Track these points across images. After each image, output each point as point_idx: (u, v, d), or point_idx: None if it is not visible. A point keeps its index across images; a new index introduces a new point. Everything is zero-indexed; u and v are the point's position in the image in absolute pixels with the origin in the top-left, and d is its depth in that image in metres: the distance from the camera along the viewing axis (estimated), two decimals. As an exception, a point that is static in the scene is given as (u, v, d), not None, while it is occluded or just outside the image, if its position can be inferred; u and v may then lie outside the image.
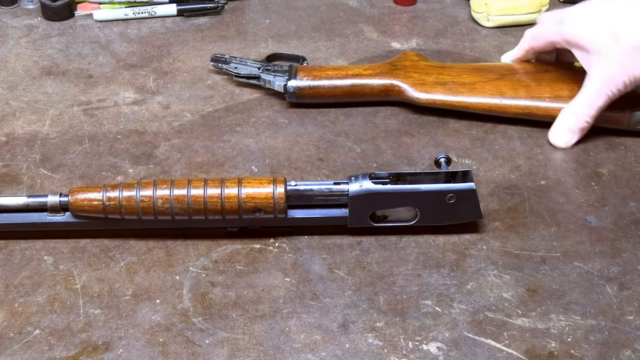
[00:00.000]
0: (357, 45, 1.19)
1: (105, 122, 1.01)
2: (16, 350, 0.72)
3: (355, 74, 1.03)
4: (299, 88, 1.02)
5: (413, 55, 1.06)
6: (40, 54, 1.16)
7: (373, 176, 0.81)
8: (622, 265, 0.81)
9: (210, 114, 1.03)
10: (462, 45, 1.18)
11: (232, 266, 0.81)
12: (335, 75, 1.03)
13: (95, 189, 0.80)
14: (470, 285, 0.79)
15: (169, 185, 0.80)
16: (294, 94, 1.02)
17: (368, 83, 1.02)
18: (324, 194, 0.82)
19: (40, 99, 1.06)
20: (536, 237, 0.84)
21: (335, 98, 1.03)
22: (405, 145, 0.98)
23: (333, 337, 0.73)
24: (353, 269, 0.80)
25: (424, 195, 0.81)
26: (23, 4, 1.27)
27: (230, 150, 0.97)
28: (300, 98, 1.03)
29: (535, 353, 0.72)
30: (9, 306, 0.76)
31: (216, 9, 1.25)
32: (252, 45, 1.18)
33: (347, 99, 1.04)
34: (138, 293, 0.78)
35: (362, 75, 1.03)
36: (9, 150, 0.96)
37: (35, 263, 0.81)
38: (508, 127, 1.00)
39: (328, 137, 0.99)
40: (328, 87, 1.02)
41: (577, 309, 0.76)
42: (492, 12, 1.21)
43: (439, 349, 0.72)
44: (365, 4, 1.30)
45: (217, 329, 0.74)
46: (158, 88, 1.08)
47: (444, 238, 0.84)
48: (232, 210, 0.80)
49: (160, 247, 0.83)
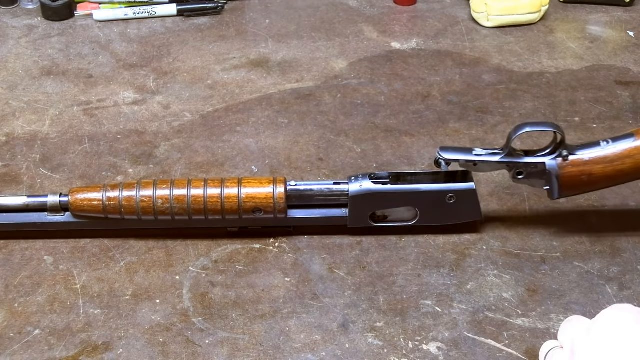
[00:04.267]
0: (357, 45, 1.18)
1: (105, 122, 1.01)
2: (16, 350, 0.72)
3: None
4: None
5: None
6: (40, 54, 1.16)
7: (373, 176, 0.81)
8: (622, 265, 0.81)
9: (210, 114, 1.03)
10: (462, 45, 1.18)
11: (232, 266, 0.81)
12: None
13: (95, 189, 0.80)
14: (470, 285, 0.79)
15: (169, 185, 0.80)
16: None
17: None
18: (324, 194, 0.82)
19: (40, 99, 1.06)
20: (536, 237, 0.84)
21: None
22: (405, 145, 0.98)
23: (333, 337, 0.73)
24: (353, 269, 0.80)
25: (424, 195, 0.81)
26: (23, 4, 1.27)
27: (230, 150, 0.97)
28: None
29: (535, 353, 0.72)
30: (9, 306, 0.76)
31: (216, 9, 1.25)
32: (252, 45, 1.18)
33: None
34: (138, 293, 0.78)
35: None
36: (9, 150, 0.96)
37: (35, 263, 0.81)
38: (508, 127, 1.00)
39: (328, 137, 0.99)
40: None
41: (577, 309, 0.76)
42: (492, 12, 1.21)
43: (439, 349, 0.72)
44: (365, 4, 1.30)
45: (217, 329, 0.74)
46: (158, 88, 1.08)
47: (444, 238, 0.84)
48: (232, 210, 0.80)
49: (160, 247, 0.83)
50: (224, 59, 1.15)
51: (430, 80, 1.11)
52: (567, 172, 0.79)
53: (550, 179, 0.80)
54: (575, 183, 0.80)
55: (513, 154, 0.80)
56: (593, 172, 0.79)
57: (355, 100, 1.06)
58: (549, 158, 0.79)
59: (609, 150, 0.79)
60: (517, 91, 1.08)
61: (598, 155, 0.79)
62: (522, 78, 1.11)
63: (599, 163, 0.79)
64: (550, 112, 1.04)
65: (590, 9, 1.29)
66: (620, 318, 0.59)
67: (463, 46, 1.18)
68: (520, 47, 1.19)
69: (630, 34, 1.22)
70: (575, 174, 0.79)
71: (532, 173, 0.80)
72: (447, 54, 1.16)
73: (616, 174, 0.79)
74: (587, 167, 0.79)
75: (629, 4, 1.29)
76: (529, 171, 0.80)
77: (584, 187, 0.81)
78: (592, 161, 0.79)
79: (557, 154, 0.79)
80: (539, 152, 0.80)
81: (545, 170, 0.79)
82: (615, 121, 1.02)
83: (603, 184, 0.81)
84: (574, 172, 0.79)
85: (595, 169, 0.79)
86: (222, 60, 1.15)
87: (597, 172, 0.79)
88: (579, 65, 1.14)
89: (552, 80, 1.11)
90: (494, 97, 1.07)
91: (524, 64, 1.15)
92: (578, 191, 0.81)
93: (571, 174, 0.79)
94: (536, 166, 0.80)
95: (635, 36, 1.22)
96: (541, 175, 0.80)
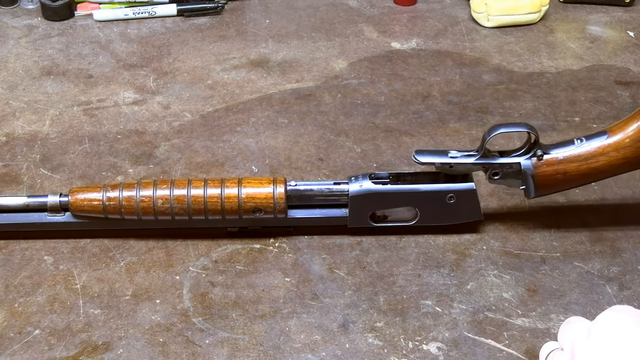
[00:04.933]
0: (357, 45, 1.19)
1: (105, 122, 1.01)
2: (16, 350, 0.72)
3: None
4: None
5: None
6: (40, 54, 1.16)
7: (373, 176, 0.81)
8: (622, 265, 0.81)
9: (210, 114, 1.03)
10: (462, 45, 1.18)
11: (232, 266, 0.81)
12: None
13: (95, 189, 0.80)
14: (470, 285, 0.79)
15: (169, 185, 0.80)
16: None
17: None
18: (324, 194, 0.82)
19: (40, 99, 1.06)
20: (536, 237, 0.84)
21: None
22: (405, 145, 0.98)
23: (333, 337, 0.73)
24: (353, 269, 0.80)
25: (424, 195, 0.81)
26: (23, 4, 1.27)
27: (230, 150, 0.97)
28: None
29: (535, 353, 0.72)
30: (9, 306, 0.76)
31: (216, 9, 1.25)
32: (252, 45, 1.18)
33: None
34: (138, 293, 0.78)
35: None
36: (9, 150, 0.96)
37: (35, 263, 0.81)
38: (508, 127, 1.01)
39: (328, 137, 0.99)
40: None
41: (577, 309, 0.76)
42: (492, 12, 1.21)
43: (439, 349, 0.72)
44: (365, 4, 1.30)
45: (217, 329, 0.74)
46: (158, 88, 1.08)
47: (444, 238, 0.84)
48: (232, 210, 0.80)
49: (160, 247, 0.83)
50: (224, 59, 1.15)
51: (430, 80, 1.11)
52: (542, 171, 0.80)
53: (526, 179, 0.80)
54: (550, 182, 0.80)
55: (488, 155, 0.80)
56: (568, 170, 0.80)
57: (355, 100, 1.06)
58: (523, 158, 0.80)
59: (583, 149, 0.79)
60: (517, 91, 1.08)
61: (572, 154, 0.79)
62: (522, 78, 1.11)
63: (573, 161, 0.79)
64: (550, 112, 1.04)
65: (590, 9, 1.29)
66: (619, 321, 0.59)
67: (463, 46, 1.18)
68: (520, 47, 1.19)
69: (630, 34, 1.22)
70: (550, 173, 0.80)
71: (508, 173, 0.81)
72: (447, 54, 1.16)
73: (591, 172, 0.80)
74: (562, 165, 0.79)
75: (629, 4, 1.29)
76: (504, 172, 0.80)
77: (560, 186, 0.81)
78: (566, 160, 0.79)
79: (531, 153, 0.80)
80: (513, 153, 0.81)
81: (520, 170, 0.80)
82: (615, 121, 1.02)
83: (579, 182, 0.81)
84: (549, 171, 0.80)
85: (569, 167, 0.79)
86: (222, 60, 1.15)
87: (572, 171, 0.79)
88: (579, 65, 1.14)
89: (552, 80, 1.11)
90: (494, 97, 1.07)
91: (524, 64, 1.15)
92: (554, 190, 0.82)
93: (546, 173, 0.80)
94: (511, 166, 0.80)
95: (635, 36, 1.22)
96: (517, 175, 0.80)
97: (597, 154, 0.79)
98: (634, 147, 0.78)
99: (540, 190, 0.81)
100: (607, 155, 0.79)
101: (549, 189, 0.81)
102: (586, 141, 0.79)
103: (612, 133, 0.78)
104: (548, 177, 0.80)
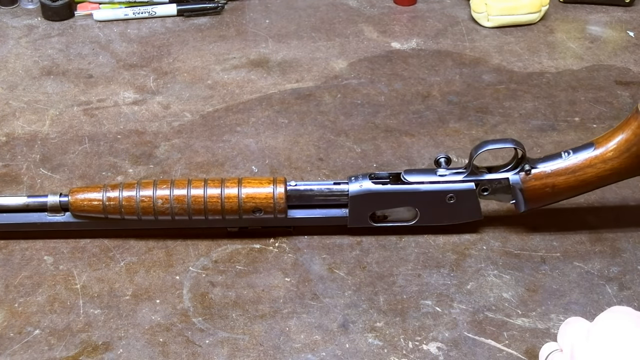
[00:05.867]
0: (357, 45, 1.19)
1: (105, 122, 1.01)
2: (16, 350, 0.72)
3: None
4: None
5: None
6: (40, 54, 1.16)
7: (373, 176, 0.81)
8: (622, 265, 0.81)
9: (210, 114, 1.03)
10: (462, 45, 1.18)
11: (232, 266, 0.81)
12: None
13: (95, 189, 0.80)
14: (470, 285, 0.79)
15: (169, 185, 0.80)
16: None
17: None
18: (324, 194, 0.82)
19: (40, 99, 1.06)
20: (536, 237, 0.84)
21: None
22: (405, 145, 0.98)
23: (333, 337, 0.73)
24: (353, 269, 0.80)
25: (424, 195, 0.81)
26: (23, 4, 1.27)
27: (230, 150, 0.97)
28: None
29: (535, 353, 0.72)
30: (9, 306, 0.76)
31: (216, 9, 1.25)
32: (252, 45, 1.18)
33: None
34: (138, 293, 0.78)
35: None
36: (9, 150, 0.96)
37: (35, 263, 0.81)
38: (508, 127, 1.01)
39: (328, 137, 0.99)
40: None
41: (577, 309, 0.76)
42: (492, 12, 1.21)
43: (439, 349, 0.72)
44: (365, 4, 1.30)
45: (217, 329, 0.74)
46: (158, 88, 1.08)
47: (444, 238, 0.84)
48: (232, 210, 0.80)
49: (160, 247, 0.83)
50: (224, 59, 1.15)
51: (430, 80, 1.11)
52: (531, 185, 0.80)
53: (516, 193, 0.81)
54: (539, 195, 0.81)
55: (476, 171, 0.81)
56: (556, 183, 0.80)
57: (355, 100, 1.06)
58: (512, 173, 0.80)
59: (571, 161, 0.79)
60: (517, 91, 1.08)
61: (560, 167, 0.80)
62: (522, 78, 1.11)
63: (561, 174, 0.80)
64: (550, 112, 1.04)
65: (590, 9, 1.29)
66: (619, 322, 0.59)
67: (463, 46, 1.18)
68: (520, 47, 1.19)
69: (630, 34, 1.22)
70: (539, 186, 0.80)
71: (497, 189, 0.81)
72: (447, 54, 1.16)
73: (579, 184, 0.80)
74: (550, 179, 0.80)
75: (629, 4, 1.29)
76: (493, 187, 0.81)
77: (550, 199, 0.82)
78: (554, 173, 0.80)
79: (519, 168, 0.80)
80: (502, 168, 0.81)
81: (509, 185, 0.80)
82: (615, 121, 1.02)
83: (568, 194, 0.82)
84: (538, 185, 0.80)
85: (558, 180, 0.80)
86: (222, 60, 1.15)
87: (561, 184, 0.80)
88: (579, 65, 1.14)
89: (552, 80, 1.11)
90: (494, 97, 1.07)
91: (524, 64, 1.15)
92: (544, 203, 0.82)
93: (535, 187, 0.80)
94: (500, 182, 0.81)
95: (635, 36, 1.22)
96: (506, 190, 0.81)
97: (584, 166, 0.79)
98: (621, 159, 0.78)
99: (530, 203, 0.81)
100: (594, 167, 0.79)
101: (538, 203, 0.82)
102: (573, 154, 0.80)
103: (598, 145, 0.79)
104: (537, 191, 0.80)
